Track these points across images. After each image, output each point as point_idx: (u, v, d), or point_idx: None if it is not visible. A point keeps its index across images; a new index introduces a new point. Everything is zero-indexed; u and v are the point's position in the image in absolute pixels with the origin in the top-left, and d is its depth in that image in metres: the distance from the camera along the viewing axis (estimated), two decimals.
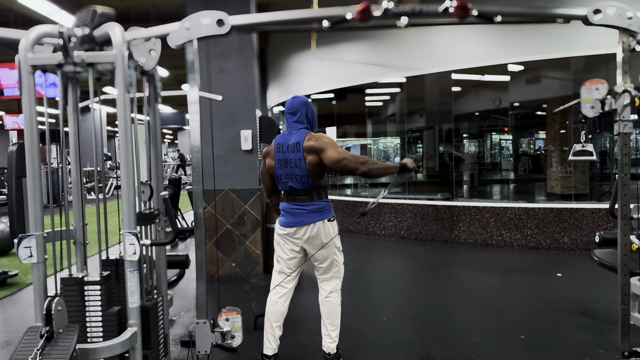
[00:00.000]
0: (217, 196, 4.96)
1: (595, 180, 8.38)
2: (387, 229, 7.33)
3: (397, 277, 5.39)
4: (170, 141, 37.56)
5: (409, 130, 10.02)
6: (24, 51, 1.87)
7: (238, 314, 2.26)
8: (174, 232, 2.32)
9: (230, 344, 2.25)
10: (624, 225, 2.22)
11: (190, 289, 4.70)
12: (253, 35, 5.29)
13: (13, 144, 3.88)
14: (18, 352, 1.67)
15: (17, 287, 5.01)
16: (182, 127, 24.94)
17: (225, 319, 2.25)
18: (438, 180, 9.95)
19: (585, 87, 2.26)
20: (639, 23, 2.09)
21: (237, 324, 2.25)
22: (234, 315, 2.25)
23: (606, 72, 6.29)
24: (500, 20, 2.06)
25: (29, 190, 1.91)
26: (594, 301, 4.11)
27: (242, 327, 2.26)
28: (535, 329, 3.50)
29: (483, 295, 4.44)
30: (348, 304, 4.26)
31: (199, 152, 2.16)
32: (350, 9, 2.02)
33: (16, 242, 1.89)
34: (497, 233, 6.39)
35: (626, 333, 2.23)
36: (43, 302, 1.79)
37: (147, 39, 2.03)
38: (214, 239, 5.03)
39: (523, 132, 11.59)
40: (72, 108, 2.08)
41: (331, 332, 2.84)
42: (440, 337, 3.44)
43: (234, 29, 2.07)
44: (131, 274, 1.93)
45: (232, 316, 2.25)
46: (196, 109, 2.12)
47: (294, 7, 2.20)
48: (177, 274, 4.42)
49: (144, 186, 2.23)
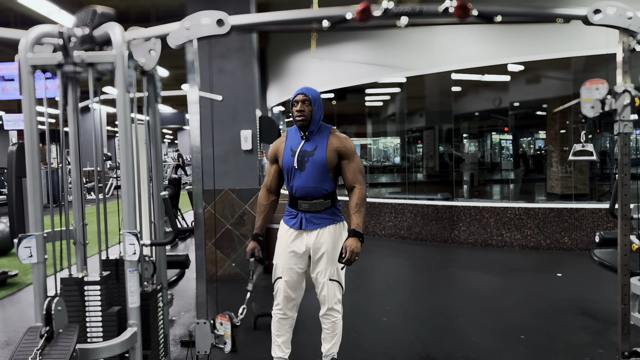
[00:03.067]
0: (217, 196, 4.96)
1: (595, 180, 8.38)
2: (387, 229, 7.33)
3: (397, 277, 5.39)
4: (170, 141, 37.56)
5: (409, 130, 10.02)
6: (24, 51, 1.87)
7: (228, 321, 2.25)
8: (174, 232, 2.32)
9: (223, 348, 2.25)
10: (624, 225, 2.22)
11: (190, 289, 4.70)
12: (253, 35, 5.29)
13: (13, 144, 3.88)
14: (18, 352, 1.67)
15: (17, 287, 5.01)
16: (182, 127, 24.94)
17: (220, 323, 2.25)
18: (438, 180, 9.95)
19: (585, 87, 2.26)
20: (639, 23, 2.09)
21: (227, 331, 2.24)
22: (225, 322, 2.25)
23: (606, 72, 6.29)
24: (500, 20, 2.06)
25: (29, 190, 1.91)
26: (594, 301, 4.10)
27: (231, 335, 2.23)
28: (535, 329, 3.50)
29: (483, 295, 4.44)
30: (348, 304, 4.26)
31: (199, 152, 2.16)
32: (350, 9, 2.02)
33: (16, 242, 1.89)
34: (497, 233, 6.39)
35: (626, 333, 2.23)
36: (43, 302, 1.79)
37: (147, 39, 2.03)
38: (213, 239, 5.03)
39: (523, 132, 11.59)
40: (72, 108, 2.07)
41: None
42: (440, 337, 3.44)
43: (234, 29, 2.07)
44: (131, 274, 1.93)
45: (224, 322, 2.25)
46: (196, 109, 2.12)
47: (294, 7, 2.20)
48: (177, 274, 4.42)
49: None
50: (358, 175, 2.59)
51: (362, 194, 2.56)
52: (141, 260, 2.09)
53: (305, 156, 2.55)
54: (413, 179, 9.45)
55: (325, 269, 2.60)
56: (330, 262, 2.61)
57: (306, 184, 2.56)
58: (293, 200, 2.64)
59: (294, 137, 2.63)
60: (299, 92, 2.58)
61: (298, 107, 2.55)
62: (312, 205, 2.58)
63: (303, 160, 2.55)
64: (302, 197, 2.59)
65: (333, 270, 2.61)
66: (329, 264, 2.61)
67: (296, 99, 2.57)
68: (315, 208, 2.58)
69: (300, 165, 2.55)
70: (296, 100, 2.57)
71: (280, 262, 2.66)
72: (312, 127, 2.57)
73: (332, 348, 2.73)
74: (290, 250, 2.63)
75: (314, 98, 2.57)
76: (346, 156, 2.58)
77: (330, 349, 2.73)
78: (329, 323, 2.70)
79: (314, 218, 2.59)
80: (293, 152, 2.58)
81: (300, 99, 2.55)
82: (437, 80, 7.53)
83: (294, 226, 2.63)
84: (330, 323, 2.69)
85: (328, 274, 2.61)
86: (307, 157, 2.55)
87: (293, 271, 2.63)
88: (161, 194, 2.26)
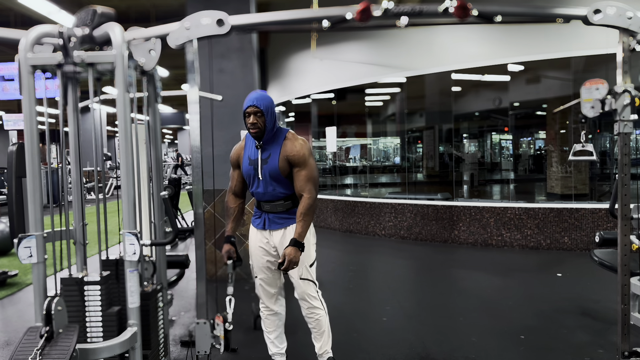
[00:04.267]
0: (217, 196, 4.96)
1: (595, 180, 8.38)
2: (387, 229, 7.33)
3: (397, 277, 5.39)
4: (170, 141, 37.56)
5: (409, 130, 10.02)
6: (23, 51, 1.87)
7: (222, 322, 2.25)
8: (174, 232, 2.32)
9: (219, 349, 2.26)
10: (624, 225, 2.22)
11: (190, 289, 4.70)
12: (253, 35, 5.29)
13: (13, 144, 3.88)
14: (18, 352, 1.67)
15: (17, 287, 5.01)
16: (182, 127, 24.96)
17: (217, 324, 2.25)
18: (438, 180, 9.95)
19: (585, 87, 2.26)
20: (639, 23, 2.09)
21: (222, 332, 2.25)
22: (220, 322, 2.25)
23: (606, 72, 6.29)
24: (500, 20, 2.06)
25: (29, 190, 1.91)
26: (594, 301, 4.10)
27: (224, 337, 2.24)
28: (535, 329, 3.50)
29: (483, 295, 4.44)
30: (348, 304, 4.27)
31: (198, 152, 2.16)
32: (350, 8, 2.02)
33: (16, 242, 1.89)
34: (497, 233, 6.38)
35: (626, 333, 2.23)
36: (43, 302, 1.79)
37: (147, 39, 2.03)
38: (213, 239, 5.03)
39: (523, 132, 11.59)
40: (72, 108, 2.07)
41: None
42: (440, 337, 3.44)
43: (234, 29, 2.06)
44: (131, 274, 1.93)
45: (219, 322, 2.25)
46: (196, 109, 2.12)
47: (294, 7, 2.20)
48: (177, 274, 4.42)
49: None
50: (307, 184, 2.58)
51: (309, 203, 2.55)
52: (141, 260, 2.09)
53: (261, 164, 2.60)
54: (413, 179, 9.45)
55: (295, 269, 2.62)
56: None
57: (264, 189, 2.62)
58: (257, 202, 2.73)
59: (251, 146, 2.66)
60: (249, 104, 2.53)
61: (250, 120, 2.53)
62: (273, 206, 2.65)
63: (259, 168, 2.60)
64: (263, 200, 2.67)
65: (302, 269, 2.64)
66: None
67: (247, 111, 2.54)
68: (276, 209, 2.65)
69: (257, 173, 2.61)
70: (248, 113, 2.54)
71: (254, 261, 2.75)
72: (266, 137, 2.58)
73: (324, 345, 2.75)
74: (260, 248, 2.71)
75: (266, 108, 2.53)
76: (297, 164, 2.58)
77: (322, 347, 2.75)
78: (313, 321, 2.73)
79: (276, 218, 2.66)
80: (251, 161, 2.64)
81: (252, 111, 2.52)
82: (437, 80, 7.53)
83: (259, 226, 2.72)
84: (314, 321, 2.73)
85: (297, 273, 2.64)
86: (262, 164, 2.60)
87: (266, 267, 2.72)
88: (161, 194, 2.26)
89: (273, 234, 2.67)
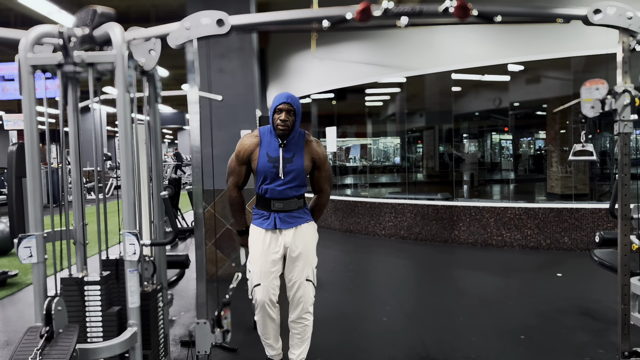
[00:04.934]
0: (217, 196, 4.96)
1: (595, 180, 8.38)
2: (387, 229, 7.33)
3: (397, 277, 5.39)
4: (170, 141, 37.55)
5: (409, 130, 10.02)
6: (24, 51, 1.87)
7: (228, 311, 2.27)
8: (174, 232, 2.32)
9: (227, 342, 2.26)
10: (624, 225, 2.22)
11: (190, 289, 4.70)
12: (253, 35, 5.29)
13: (13, 144, 3.88)
14: (18, 352, 1.67)
15: (17, 287, 5.01)
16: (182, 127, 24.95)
17: (225, 318, 2.26)
18: (438, 180, 9.94)
19: (585, 87, 2.26)
20: (639, 23, 2.09)
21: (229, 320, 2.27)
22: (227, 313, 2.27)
23: (606, 72, 6.29)
24: (500, 20, 2.06)
25: (29, 190, 1.91)
26: (594, 301, 4.10)
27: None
28: (535, 329, 3.50)
29: (483, 295, 4.44)
30: (348, 304, 4.27)
31: (198, 152, 2.16)
32: (350, 9, 2.02)
33: (16, 242, 1.89)
34: (497, 233, 6.39)
35: (626, 333, 2.23)
36: (43, 302, 1.79)
37: (147, 39, 2.03)
38: (213, 239, 5.03)
39: (523, 132, 11.58)
40: (72, 108, 2.08)
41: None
42: (440, 337, 3.44)
43: (234, 29, 2.07)
44: (131, 274, 1.93)
45: (227, 314, 2.27)
46: (196, 109, 2.12)
47: (294, 7, 2.20)
48: (177, 274, 4.42)
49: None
50: (326, 183, 2.75)
51: (325, 202, 2.75)
52: (141, 260, 2.09)
53: (284, 162, 2.57)
54: (413, 179, 9.44)
55: (302, 269, 2.62)
56: (306, 262, 2.63)
57: (285, 187, 2.59)
58: (265, 201, 2.64)
59: (270, 143, 2.60)
60: (283, 100, 2.51)
61: (283, 117, 2.51)
62: (287, 204, 2.61)
63: (280, 167, 2.57)
64: (277, 198, 2.61)
65: (309, 270, 2.63)
66: (305, 265, 2.63)
67: (280, 107, 2.51)
68: (289, 207, 2.62)
69: (278, 171, 2.57)
70: (280, 109, 2.51)
71: (258, 267, 2.61)
72: (291, 136, 2.58)
73: (303, 353, 2.72)
74: (268, 254, 2.61)
75: (298, 108, 2.55)
76: (319, 165, 2.66)
77: (300, 354, 2.71)
78: (300, 327, 2.69)
79: (287, 217, 2.62)
80: (270, 158, 2.57)
81: (285, 108, 2.51)
82: (437, 80, 7.53)
83: (268, 227, 2.62)
84: (302, 327, 2.68)
85: (304, 274, 2.62)
86: (285, 163, 2.57)
87: (271, 275, 2.62)
88: (161, 194, 2.26)
89: (284, 232, 2.62)
